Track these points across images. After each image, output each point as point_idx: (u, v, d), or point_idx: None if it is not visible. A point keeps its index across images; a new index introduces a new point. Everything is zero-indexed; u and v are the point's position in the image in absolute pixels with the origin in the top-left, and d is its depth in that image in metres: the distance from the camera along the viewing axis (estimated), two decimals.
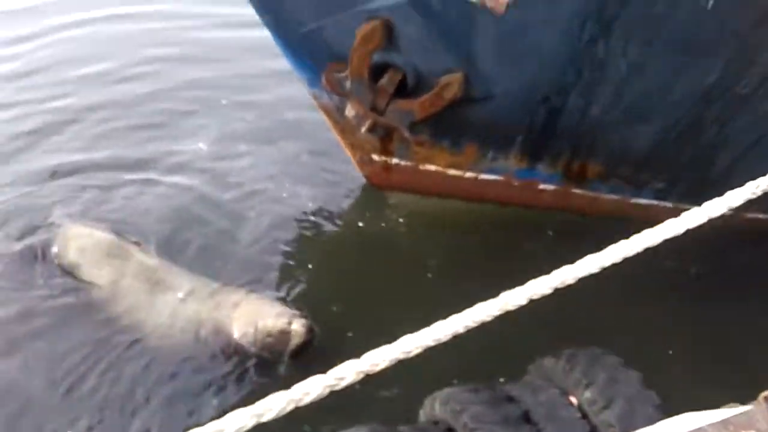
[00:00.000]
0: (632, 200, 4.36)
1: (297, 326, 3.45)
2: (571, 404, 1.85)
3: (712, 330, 3.90)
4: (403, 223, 4.54)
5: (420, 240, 4.46)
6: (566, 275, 1.44)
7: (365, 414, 3.11)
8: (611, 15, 3.21)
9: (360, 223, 4.57)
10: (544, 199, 4.41)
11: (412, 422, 2.05)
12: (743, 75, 3.47)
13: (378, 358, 1.36)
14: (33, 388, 3.44)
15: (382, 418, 2.10)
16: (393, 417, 2.18)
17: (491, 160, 4.20)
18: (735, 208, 1.82)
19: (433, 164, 4.31)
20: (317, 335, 3.50)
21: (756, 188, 1.83)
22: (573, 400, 1.87)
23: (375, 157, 4.40)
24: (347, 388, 1.36)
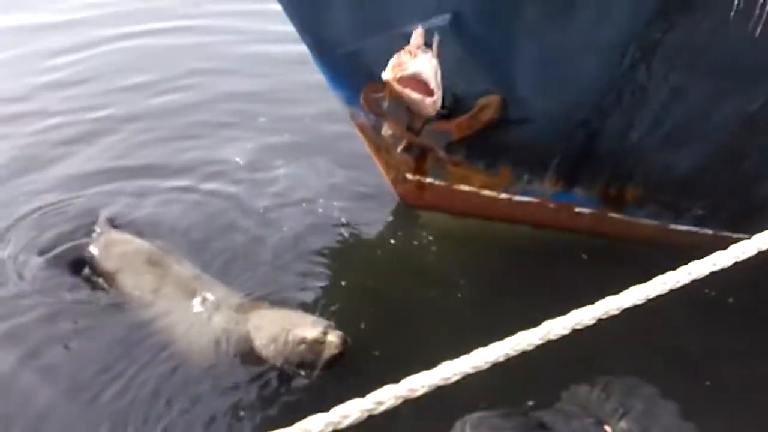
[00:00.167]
0: (671, 226, 4.28)
1: (332, 337, 3.42)
2: None
3: (750, 363, 3.79)
4: (434, 242, 4.52)
5: (450, 259, 4.43)
6: (611, 305, 1.42)
7: None
8: (654, 41, 3.18)
9: (392, 240, 4.57)
10: (580, 223, 4.36)
11: None
12: None
13: (416, 384, 1.36)
14: (60, 390, 3.49)
15: None
16: None
17: (527, 183, 4.18)
18: None
19: (468, 185, 4.31)
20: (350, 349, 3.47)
21: None
22: (608, 429, 1.84)
23: (409, 176, 4.42)
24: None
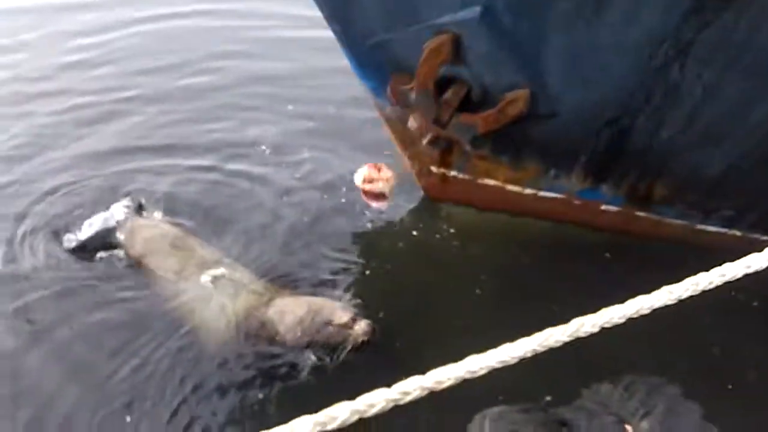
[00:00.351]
0: (698, 226, 4.21)
1: (362, 324, 3.46)
2: None
3: None
4: (457, 236, 4.52)
5: (472, 253, 4.42)
6: (642, 304, 1.41)
7: (411, 427, 3.12)
8: (688, 39, 3.11)
9: (414, 232, 4.57)
10: (606, 221, 4.31)
11: None
12: None
13: (443, 376, 1.37)
14: (74, 366, 3.62)
15: None
16: None
17: (553, 178, 4.14)
18: None
19: (493, 179, 4.29)
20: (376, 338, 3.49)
21: None
22: (629, 429, 1.84)
23: (434, 169, 4.41)
24: None
